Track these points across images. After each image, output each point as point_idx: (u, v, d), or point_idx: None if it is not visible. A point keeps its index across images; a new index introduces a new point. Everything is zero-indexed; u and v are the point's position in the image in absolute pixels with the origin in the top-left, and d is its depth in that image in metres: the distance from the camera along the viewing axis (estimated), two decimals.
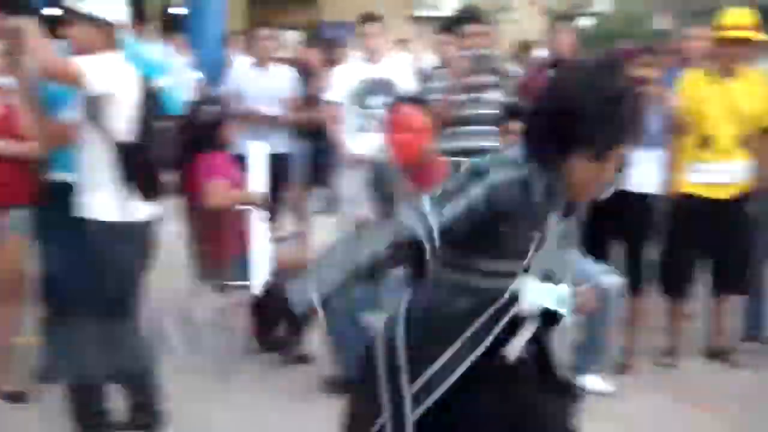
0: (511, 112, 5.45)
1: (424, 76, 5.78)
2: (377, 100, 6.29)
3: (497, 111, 5.84)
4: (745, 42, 5.57)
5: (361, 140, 6.31)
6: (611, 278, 5.18)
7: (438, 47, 7.10)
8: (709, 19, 5.84)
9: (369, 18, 6.67)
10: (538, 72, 6.48)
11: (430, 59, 14.30)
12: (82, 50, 4.26)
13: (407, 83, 6.41)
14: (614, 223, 5.61)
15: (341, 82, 6.66)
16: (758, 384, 5.54)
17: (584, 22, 23.00)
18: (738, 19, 5.64)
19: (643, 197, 5.59)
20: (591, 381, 5.26)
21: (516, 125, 5.31)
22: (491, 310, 2.58)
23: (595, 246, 5.73)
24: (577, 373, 5.23)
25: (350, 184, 6.18)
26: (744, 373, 5.72)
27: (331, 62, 8.33)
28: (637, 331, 5.79)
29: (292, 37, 14.79)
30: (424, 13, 25.54)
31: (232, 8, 16.84)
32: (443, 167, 5.15)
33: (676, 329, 5.90)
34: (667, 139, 5.68)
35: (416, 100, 5.12)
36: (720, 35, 5.62)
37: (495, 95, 5.90)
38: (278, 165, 6.48)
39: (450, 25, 6.05)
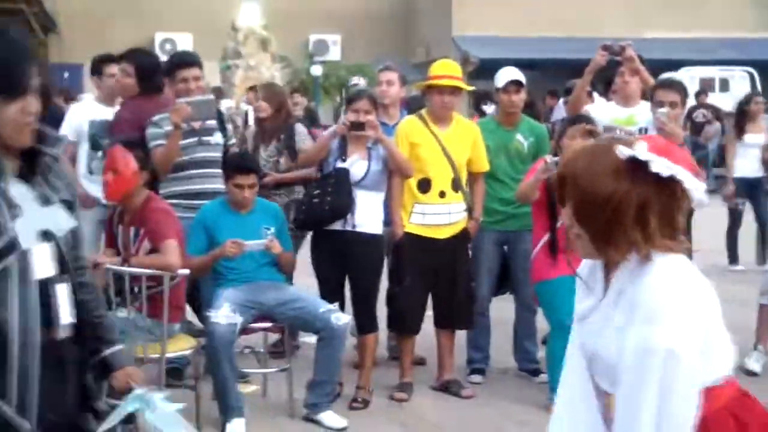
0: (239, 165, 5.63)
1: (149, 122, 5.82)
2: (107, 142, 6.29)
3: (219, 154, 5.98)
4: (452, 90, 5.98)
5: (93, 181, 6.30)
6: (340, 318, 5.39)
7: None
8: (428, 70, 6.22)
9: (107, 59, 6.76)
10: None
11: None
12: None
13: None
14: (341, 264, 5.83)
15: (74, 121, 6.65)
16: (484, 414, 5.83)
17: (316, 69, 23.65)
18: (446, 69, 6.06)
19: (367, 237, 5.83)
20: (327, 417, 5.42)
21: (248, 178, 5.51)
22: None
23: (325, 287, 5.95)
24: (313, 410, 5.43)
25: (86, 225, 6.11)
26: (470, 402, 5.99)
27: (66, 101, 8.25)
28: (369, 367, 5.96)
29: None
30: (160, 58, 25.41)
31: None
32: (164, 208, 5.25)
33: (407, 364, 6.09)
34: (387, 181, 5.97)
35: (131, 144, 5.25)
36: (430, 83, 6.00)
37: (217, 138, 6.02)
38: None
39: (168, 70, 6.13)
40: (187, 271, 5.01)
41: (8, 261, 2.54)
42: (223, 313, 5.18)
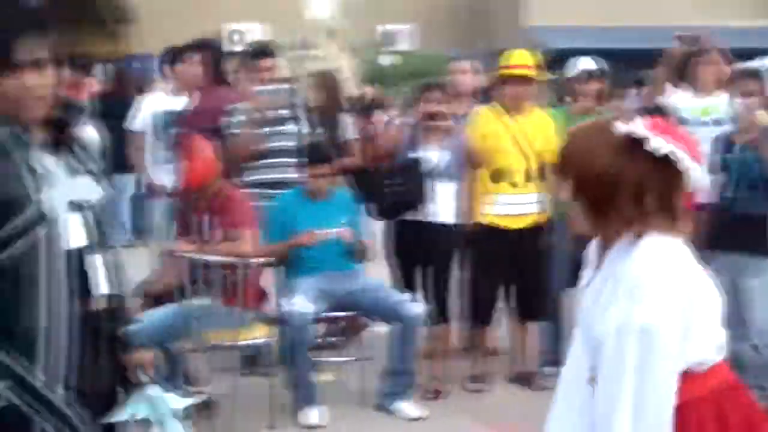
0: (314, 155, 5.64)
1: (226, 111, 5.87)
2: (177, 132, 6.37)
3: (296, 143, 6.00)
4: (527, 80, 5.93)
5: (165, 170, 6.37)
6: (415, 307, 5.40)
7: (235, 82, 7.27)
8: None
9: (181, 50, 6.84)
10: None
11: None
12: None
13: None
14: (417, 253, 5.84)
15: (146, 112, 6.72)
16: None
17: (386, 60, 23.64)
18: (520, 59, 6.02)
19: (441, 227, 5.83)
20: (403, 406, 5.43)
21: (322, 168, 5.53)
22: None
23: (399, 276, 5.97)
24: (387, 400, 5.45)
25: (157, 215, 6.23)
26: (546, 394, 5.96)
27: (139, 92, 8.36)
28: (445, 357, 5.97)
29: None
30: (229, 48, 25.62)
31: None
32: (240, 197, 5.29)
33: (480, 355, 6.09)
34: (461, 171, 5.95)
35: (208, 133, 5.31)
36: (503, 72, 5.97)
37: (294, 128, 6.04)
38: None
39: (245, 60, 6.17)
40: (262, 260, 5.05)
41: (36, 231, 2.53)
42: (299, 302, 5.21)
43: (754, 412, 2.42)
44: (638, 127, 2.33)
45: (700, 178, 2.37)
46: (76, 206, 2.63)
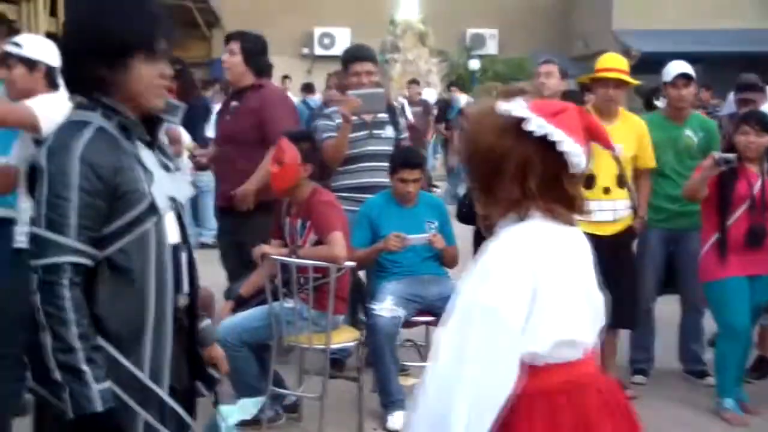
0: (406, 160, 5.64)
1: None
2: None
3: (390, 147, 6.00)
4: (619, 83, 5.86)
5: None
6: None
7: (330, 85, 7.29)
8: (588, 64, 6.13)
9: None
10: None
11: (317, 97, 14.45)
12: (20, 93, 4.39)
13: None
14: None
15: None
16: (644, 416, 5.72)
17: (474, 63, 23.60)
18: (613, 63, 5.94)
19: None
20: None
21: (413, 173, 5.53)
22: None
23: None
24: None
25: None
26: (635, 403, 5.88)
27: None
28: None
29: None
30: (319, 51, 25.86)
31: None
32: (331, 201, 5.31)
33: None
34: None
35: (298, 135, 5.31)
36: (596, 76, 5.90)
37: (388, 132, 6.04)
38: None
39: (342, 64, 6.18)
40: (353, 264, 5.07)
41: (147, 225, 2.57)
42: (386, 306, 5.23)
43: (593, 413, 2.37)
44: (517, 107, 2.31)
45: (579, 161, 2.32)
46: (173, 203, 2.68)
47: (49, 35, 13.82)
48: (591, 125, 2.41)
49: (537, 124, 2.29)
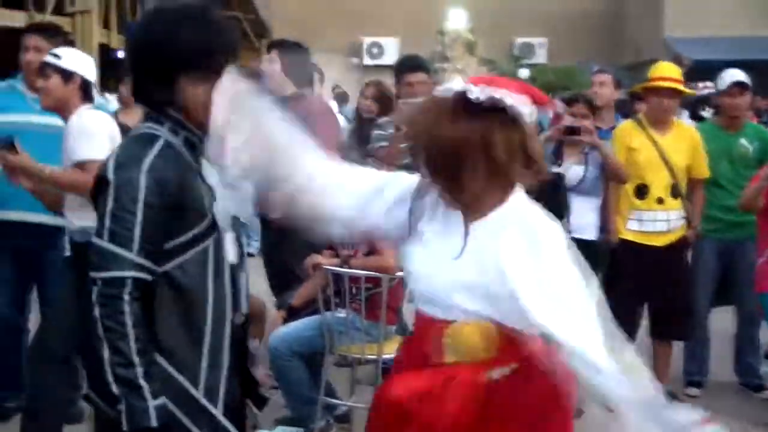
0: None
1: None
2: None
3: None
4: (674, 93, 5.80)
5: None
6: None
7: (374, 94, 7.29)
8: (638, 72, 6.09)
9: None
10: None
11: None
12: (54, 102, 4.50)
13: None
14: None
15: None
16: None
17: (523, 72, 23.51)
18: (667, 71, 5.89)
19: (583, 243, 5.74)
20: None
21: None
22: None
23: None
24: None
25: None
26: None
27: None
28: None
29: None
30: (367, 61, 25.93)
31: None
32: None
33: None
34: (603, 187, 5.86)
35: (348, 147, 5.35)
36: (650, 85, 5.85)
37: None
38: None
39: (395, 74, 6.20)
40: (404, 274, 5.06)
41: (207, 242, 2.57)
42: None
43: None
44: (456, 83, 2.33)
45: (528, 115, 2.33)
46: (234, 222, 2.69)
47: (102, 47, 14.02)
48: (523, 85, 2.43)
49: (480, 91, 2.31)
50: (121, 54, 14.89)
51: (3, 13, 11.81)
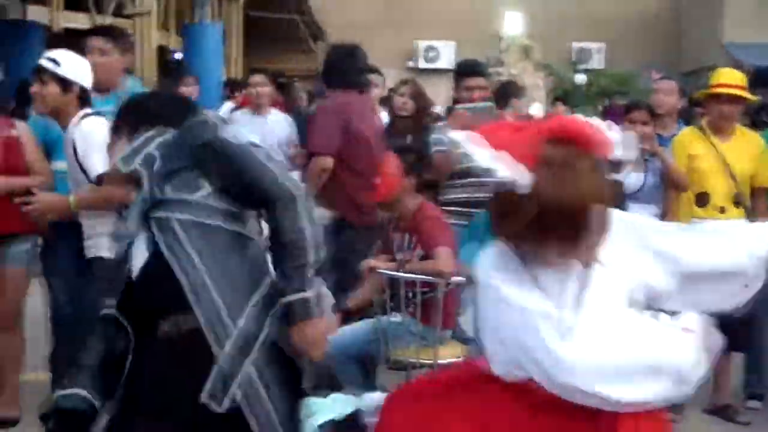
0: None
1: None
2: None
3: None
4: (737, 99, 5.71)
5: None
6: None
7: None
8: (697, 78, 6.01)
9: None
10: None
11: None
12: (50, 110, 4.58)
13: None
14: None
15: None
16: None
17: (580, 77, 23.34)
18: (730, 78, 5.80)
19: None
20: None
21: None
22: None
23: None
24: None
25: None
26: (744, 428, 5.74)
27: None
28: None
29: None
30: (423, 65, 25.90)
31: (231, 56, 17.05)
32: (439, 215, 5.29)
33: None
34: (662, 195, 5.79)
35: (404, 148, 5.31)
36: (712, 92, 5.76)
37: None
38: None
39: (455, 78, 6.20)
40: (462, 279, 5.03)
41: None
42: None
43: None
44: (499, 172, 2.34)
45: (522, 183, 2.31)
46: None
47: (160, 48, 14.16)
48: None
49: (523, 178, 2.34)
50: (178, 55, 15.05)
51: (66, 15, 11.99)
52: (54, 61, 4.55)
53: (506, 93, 7.71)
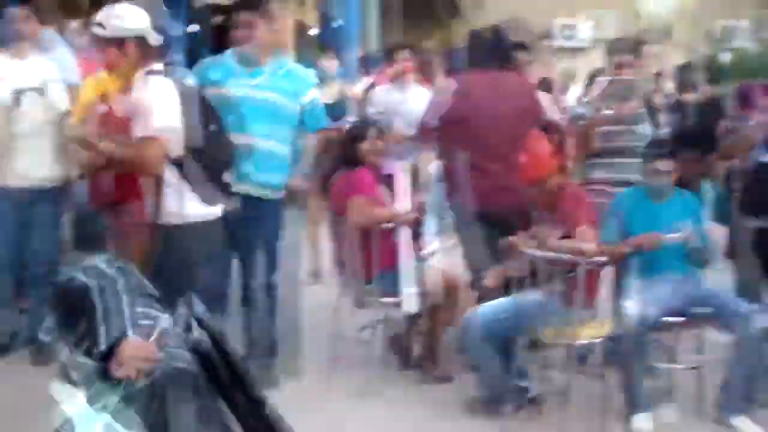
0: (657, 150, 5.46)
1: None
2: None
3: (643, 143, 5.83)
4: None
5: None
6: (758, 320, 5.09)
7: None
8: None
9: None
10: None
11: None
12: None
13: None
14: (762, 262, 5.53)
15: None
16: None
17: (725, 56, 22.64)
18: None
19: None
20: (740, 422, 5.12)
21: (666, 164, 5.33)
22: None
23: (744, 286, 5.66)
24: (723, 413, 5.16)
25: None
26: None
27: None
28: None
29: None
30: (561, 43, 25.57)
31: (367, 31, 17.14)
32: (581, 194, 5.20)
33: None
34: None
35: (550, 126, 5.24)
36: None
37: (643, 127, 5.91)
38: None
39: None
40: (603, 259, 4.95)
41: None
42: (636, 305, 5.06)
43: None
44: None
45: None
46: None
47: (297, 23, 14.34)
48: None
49: None
50: (314, 31, 15.21)
51: None
52: (100, 24, 4.31)
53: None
